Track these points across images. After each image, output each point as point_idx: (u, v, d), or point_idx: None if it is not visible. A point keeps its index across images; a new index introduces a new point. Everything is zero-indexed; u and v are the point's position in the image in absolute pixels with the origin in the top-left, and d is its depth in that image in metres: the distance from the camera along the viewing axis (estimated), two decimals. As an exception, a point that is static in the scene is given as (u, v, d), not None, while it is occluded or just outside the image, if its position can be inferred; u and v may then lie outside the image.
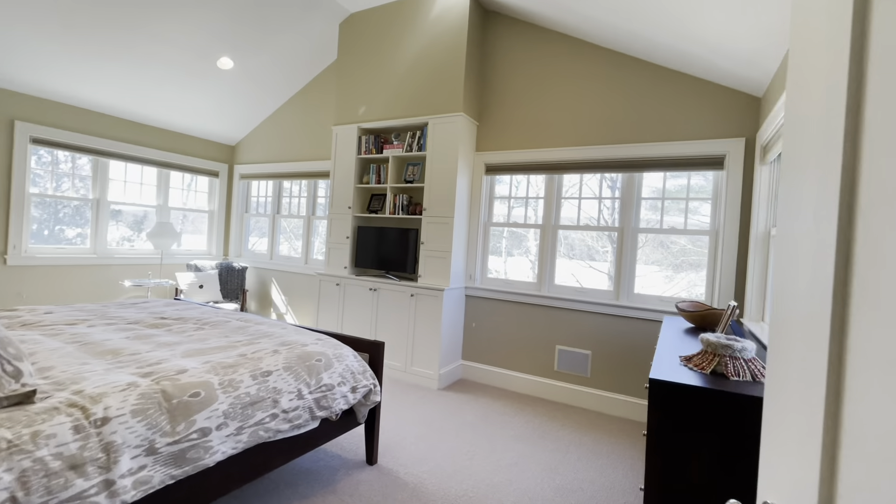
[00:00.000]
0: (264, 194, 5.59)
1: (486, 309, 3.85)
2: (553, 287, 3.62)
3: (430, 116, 3.78)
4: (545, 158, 3.60)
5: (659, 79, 3.19)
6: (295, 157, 5.17)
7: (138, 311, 2.62)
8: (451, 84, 3.69)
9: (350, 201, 4.19)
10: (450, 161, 3.69)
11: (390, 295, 3.84)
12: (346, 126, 4.26)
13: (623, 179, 3.38)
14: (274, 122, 5.37)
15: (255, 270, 5.43)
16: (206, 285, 4.81)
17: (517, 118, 3.76)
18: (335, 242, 4.27)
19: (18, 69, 3.73)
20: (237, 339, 2.11)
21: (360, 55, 4.20)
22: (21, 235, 3.98)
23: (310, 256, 5.07)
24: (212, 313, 2.64)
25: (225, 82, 4.61)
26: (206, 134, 5.42)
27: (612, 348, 3.30)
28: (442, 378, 3.61)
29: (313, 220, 5.08)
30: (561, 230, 3.64)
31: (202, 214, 5.66)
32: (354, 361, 2.17)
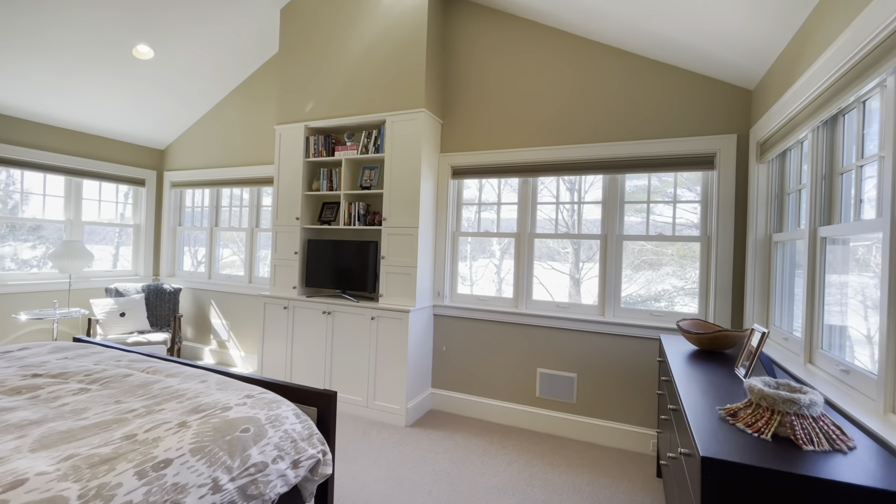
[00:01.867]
0: (200, 204, 4.91)
1: (458, 330, 3.42)
2: (531, 303, 3.24)
3: (388, 113, 3.32)
4: (518, 160, 3.22)
5: (642, 70, 2.89)
6: (235, 161, 4.54)
7: (6, 364, 1.99)
8: (411, 76, 3.25)
9: (298, 211, 3.65)
10: (411, 164, 3.24)
11: (347, 318, 3.33)
12: (291, 125, 3.72)
13: (606, 182, 3.06)
14: (210, 122, 4.72)
15: (190, 292, 4.74)
16: (130, 313, 4.09)
17: (486, 115, 3.37)
18: (282, 259, 3.71)
19: None
20: (131, 405, 1.56)
21: (305, 44, 3.68)
22: None
23: (254, 274, 4.45)
24: (111, 363, 2.05)
25: (145, 75, 3.94)
26: (129, 136, 4.69)
27: (599, 370, 2.96)
28: (410, 412, 3.14)
29: (258, 232, 4.47)
30: (538, 239, 3.27)
31: (126, 229, 4.90)
32: (296, 423, 1.67)
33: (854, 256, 1.63)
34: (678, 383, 1.64)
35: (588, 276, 3.18)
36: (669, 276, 2.95)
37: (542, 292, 3.27)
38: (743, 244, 2.62)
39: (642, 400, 2.83)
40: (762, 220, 2.44)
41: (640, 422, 2.84)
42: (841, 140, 1.73)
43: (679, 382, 1.65)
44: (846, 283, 1.65)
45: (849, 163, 1.69)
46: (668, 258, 2.94)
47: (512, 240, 3.35)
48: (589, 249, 3.19)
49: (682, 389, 1.56)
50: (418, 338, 3.26)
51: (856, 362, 1.52)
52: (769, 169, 2.42)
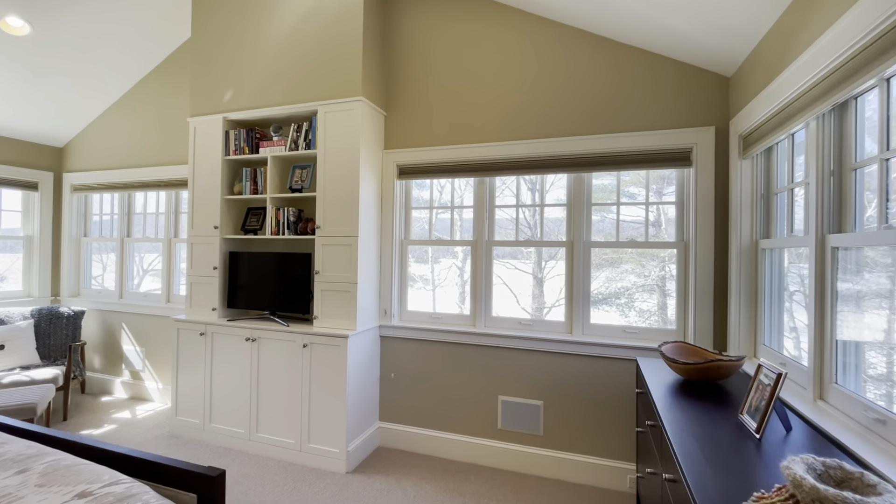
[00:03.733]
0: (109, 211, 4.20)
1: (408, 353, 2.96)
2: (491, 320, 2.84)
3: (320, 103, 2.82)
4: (473, 157, 2.81)
5: (609, 54, 2.54)
6: (149, 161, 3.89)
7: None
8: (346, 59, 2.76)
9: (217, 219, 3.08)
10: (349, 161, 2.75)
11: (276, 346, 2.80)
12: (207, 117, 3.14)
13: (571, 181, 2.70)
14: (118, 115, 4.03)
15: (97, 314, 4.03)
16: (11, 344, 3.37)
17: (436, 107, 2.93)
18: (199, 276, 3.12)
19: None
20: None
21: (222, 23, 3.12)
22: None
23: (172, 293, 3.82)
24: None
25: (23, 55, 3.24)
26: (14, 131, 3.92)
27: (568, 396, 2.59)
28: (352, 455, 2.66)
29: (175, 243, 3.83)
30: (497, 247, 2.87)
31: (15, 241, 4.12)
32: (154, 530, 1.16)
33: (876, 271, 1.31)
34: (671, 437, 1.26)
35: (551, 275, 2.84)
36: (628, 273, 2.66)
37: (503, 308, 2.87)
38: (725, 250, 2.32)
39: (617, 429, 2.48)
40: (747, 223, 2.14)
41: (615, 454, 2.49)
42: (852, 129, 1.41)
43: (672, 434, 1.27)
44: (863, 299, 1.33)
45: (864, 156, 1.38)
46: (627, 255, 2.64)
47: (468, 248, 2.93)
48: (553, 248, 2.84)
49: (679, 449, 1.18)
50: (361, 365, 2.78)
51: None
52: (754, 165, 2.12)
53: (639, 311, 2.67)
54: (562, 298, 2.77)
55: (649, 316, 2.65)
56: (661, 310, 2.64)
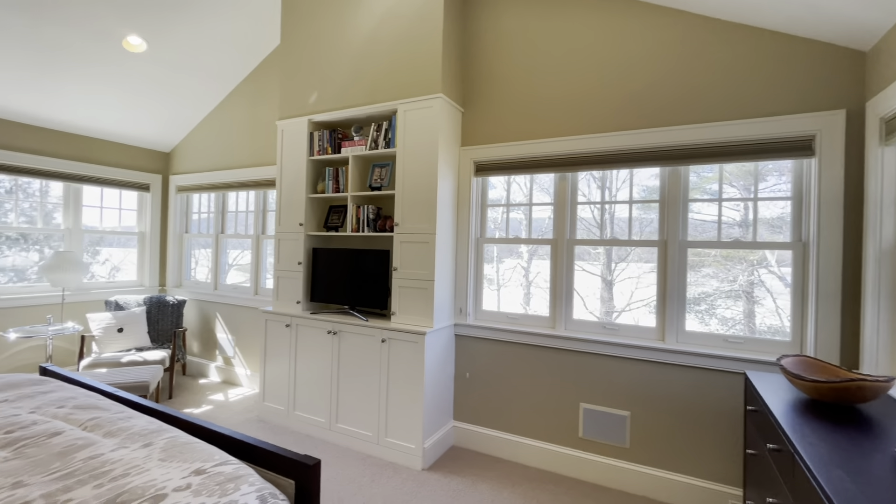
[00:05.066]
0: (206, 210, 4.59)
1: (483, 353, 2.91)
2: (572, 323, 2.70)
3: (400, 101, 2.85)
4: (555, 151, 2.69)
5: (710, 35, 2.31)
6: (240, 162, 4.19)
7: (-72, 411, 1.62)
8: (425, 56, 2.77)
9: (302, 216, 3.23)
10: (427, 159, 2.76)
11: (355, 340, 2.88)
12: (293, 120, 3.31)
13: (665, 176, 2.49)
14: (215, 122, 4.39)
15: (196, 304, 4.42)
16: (129, 328, 3.79)
17: (516, 100, 2.85)
18: (285, 270, 3.30)
19: None
20: (30, 493, 1.14)
21: (307, 30, 3.26)
22: None
23: (260, 286, 4.08)
24: (50, 410, 1.66)
25: (140, 70, 3.62)
26: (130, 139, 4.41)
27: (659, 408, 2.39)
28: (428, 453, 2.66)
29: (263, 239, 4.10)
30: (580, 246, 2.73)
31: (130, 237, 4.63)
32: (259, 513, 1.21)
33: None
34: (813, 467, 1.08)
35: (621, 278, 2.68)
36: (710, 277, 2.41)
37: (584, 310, 2.73)
38: (857, 255, 2.01)
39: (716, 448, 2.25)
40: (890, 220, 1.83)
41: (713, 475, 2.26)
42: None
43: (813, 464, 1.09)
44: None
45: None
46: (710, 258, 2.40)
47: (547, 246, 2.81)
48: (621, 249, 2.67)
49: (828, 483, 1.01)
50: (437, 363, 2.78)
51: None
52: (900, 153, 1.81)
53: (721, 318, 2.43)
54: (634, 303, 2.60)
55: (734, 325, 2.40)
56: (748, 318, 2.37)
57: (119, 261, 4.60)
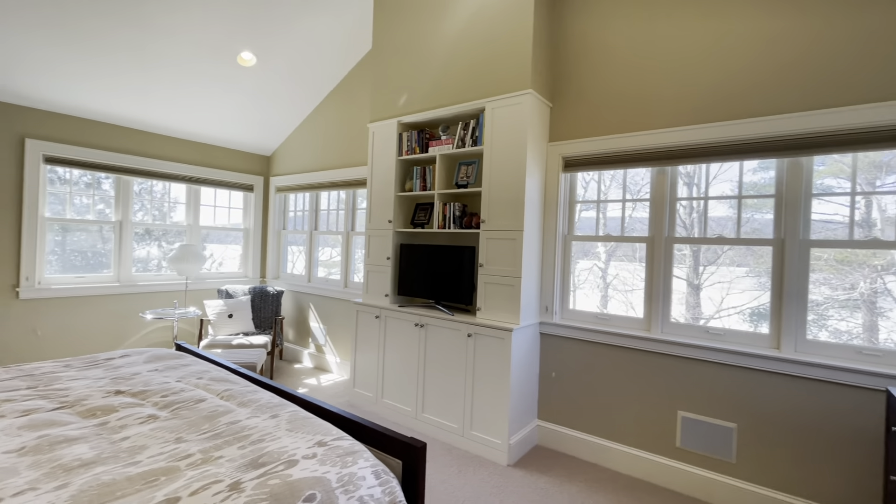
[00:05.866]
0: (301, 208, 4.97)
1: (570, 353, 2.85)
2: (669, 326, 2.55)
3: (488, 99, 2.88)
4: (651, 144, 2.56)
5: (844, 8, 2.05)
6: (332, 164, 4.49)
7: (102, 374, 1.95)
8: (515, 52, 2.77)
9: (391, 213, 3.39)
10: (515, 156, 2.76)
11: (441, 333, 2.96)
12: (383, 122, 3.48)
13: (783, 168, 2.26)
14: (310, 127, 4.74)
15: (292, 295, 4.81)
16: (237, 314, 4.23)
17: (608, 92, 2.75)
18: (374, 265, 3.48)
19: (26, 82, 3.33)
20: (189, 448, 1.32)
21: (398, 34, 3.41)
22: (35, 265, 3.60)
23: (349, 279, 4.34)
24: (192, 380, 1.91)
25: (249, 82, 4.02)
26: (239, 144, 4.91)
27: (773, 422, 2.18)
28: (513, 449, 2.66)
29: (352, 236, 4.35)
30: (680, 244, 2.57)
31: (237, 233, 5.16)
32: (375, 487, 1.30)
33: None
34: None
35: (710, 282, 2.48)
36: (819, 284, 2.13)
37: (682, 311, 2.56)
38: None
39: (846, 471, 2.00)
40: None
41: (839, 500, 2.01)
42: None
43: None
44: None
45: None
46: (821, 263, 2.12)
47: (629, 247, 2.68)
48: (709, 251, 2.46)
49: None
50: (523, 360, 2.77)
51: None
52: None
53: (833, 331, 2.14)
54: (725, 309, 2.39)
55: (850, 339, 2.10)
56: (869, 332, 2.07)
57: (223, 255, 5.14)
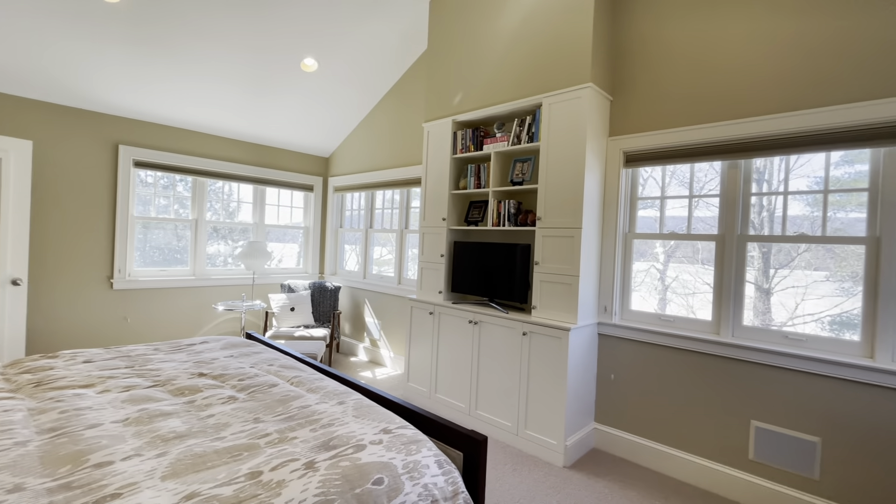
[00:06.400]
0: (357, 207, 5.15)
1: (630, 355, 2.74)
2: (741, 330, 2.39)
3: (545, 95, 2.84)
4: (722, 136, 2.41)
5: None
6: (386, 164, 4.61)
7: (186, 358, 2.13)
8: (574, 44, 2.71)
9: (445, 211, 3.43)
10: (573, 152, 2.70)
11: (495, 331, 2.96)
12: (438, 121, 3.52)
13: (879, 160, 2.05)
14: (366, 128, 4.89)
15: (348, 290, 5.00)
16: (298, 308, 4.45)
17: (673, 82, 2.62)
18: (428, 262, 3.54)
19: (119, 95, 3.70)
20: (266, 428, 1.41)
21: (453, 34, 3.44)
22: (126, 259, 3.99)
23: (403, 276, 4.44)
24: (264, 367, 2.04)
25: (311, 86, 4.22)
26: (300, 147, 5.16)
27: (868, 440, 1.98)
28: (569, 451, 2.61)
29: (406, 234, 4.45)
30: (753, 243, 2.40)
31: (298, 231, 5.43)
32: (438, 476, 1.32)
33: None
34: None
35: (781, 287, 2.28)
36: None
37: (749, 316, 2.39)
38: None
39: (955, 500, 1.78)
40: None
41: (949, 533, 1.79)
42: None
43: None
44: None
45: None
46: None
47: (712, 244, 2.53)
48: (781, 253, 2.26)
49: None
50: (580, 361, 2.70)
51: None
52: None
53: None
54: (800, 316, 2.19)
55: None
56: None
57: (283, 252, 5.42)
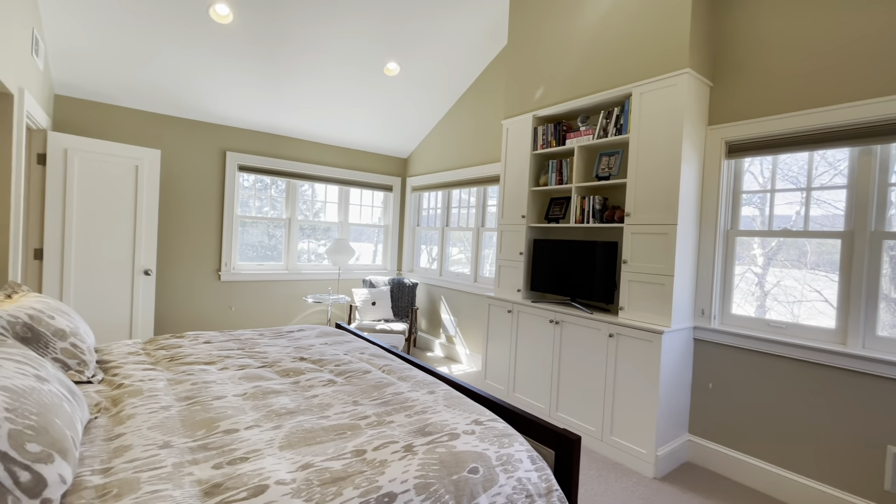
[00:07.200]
0: (434, 206, 5.26)
1: (732, 364, 2.51)
2: (875, 341, 2.08)
3: (635, 84, 2.69)
4: (852, 119, 2.11)
5: None
6: (463, 163, 4.65)
7: (287, 343, 2.31)
8: (669, 28, 2.53)
9: (524, 209, 3.38)
10: (668, 143, 2.52)
11: (578, 331, 2.86)
12: (518, 118, 3.49)
13: None
14: (444, 128, 4.98)
15: (425, 287, 5.12)
16: (379, 302, 4.65)
17: (787, 59, 2.35)
18: (506, 259, 3.52)
19: (227, 105, 4.13)
20: (365, 411, 1.49)
21: (534, 26, 3.38)
22: (230, 254, 4.43)
23: (479, 274, 4.45)
24: (356, 354, 2.15)
25: (392, 90, 4.38)
26: (381, 149, 5.39)
27: None
28: (661, 462, 2.45)
29: (483, 232, 4.46)
30: (891, 241, 2.08)
31: (378, 229, 5.67)
32: (532, 471, 1.31)
33: None
34: None
35: None
36: None
37: (890, 324, 2.07)
38: None
39: None
40: None
41: None
42: None
43: None
44: None
45: None
46: None
47: (837, 241, 2.23)
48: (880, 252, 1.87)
49: None
50: (673, 367, 2.52)
51: None
52: None
53: None
54: None
55: None
56: None
57: (360, 249, 5.69)
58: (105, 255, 3.44)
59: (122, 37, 3.24)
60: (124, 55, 3.40)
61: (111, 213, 3.45)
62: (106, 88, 3.68)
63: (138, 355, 2.00)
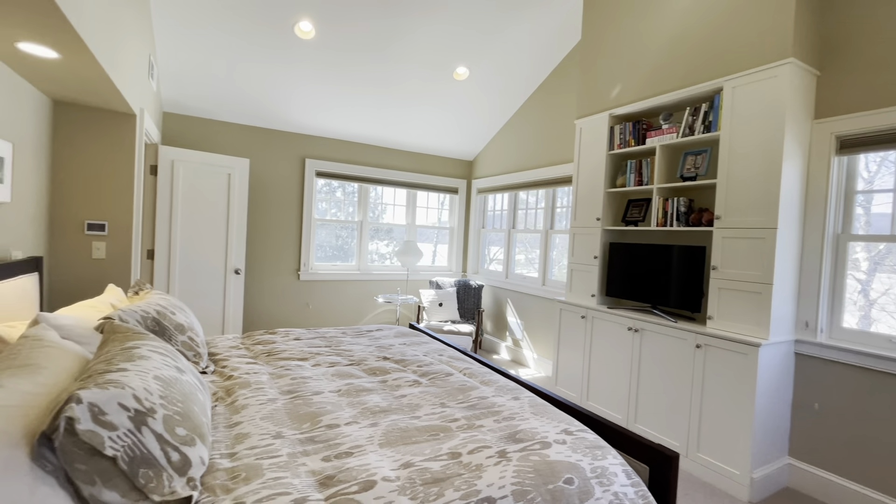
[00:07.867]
0: (500, 208, 5.24)
1: (842, 382, 2.26)
2: None
3: (727, 78, 2.51)
4: None
5: None
6: (531, 164, 4.59)
7: (368, 342, 2.42)
8: (770, 14, 2.33)
9: (599, 211, 3.28)
10: (766, 140, 2.33)
11: (660, 340, 2.72)
12: (592, 117, 3.38)
13: None
14: (510, 130, 4.95)
15: (490, 289, 5.12)
16: (446, 303, 4.72)
17: (918, 45, 2.08)
18: (579, 263, 3.42)
19: (306, 115, 4.39)
20: (453, 413, 1.52)
21: (610, 24, 3.26)
22: (308, 255, 4.71)
23: (548, 277, 4.37)
24: (435, 356, 2.20)
25: (460, 94, 4.43)
26: (447, 152, 5.46)
27: None
28: (756, 485, 2.26)
29: (552, 234, 4.37)
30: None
31: (444, 231, 5.75)
32: (627, 486, 1.27)
33: None
34: None
35: None
36: None
37: None
38: None
39: None
40: None
41: None
42: None
43: None
44: None
45: None
46: None
47: None
48: None
49: None
50: (771, 383, 2.32)
51: None
52: None
53: None
54: None
55: None
56: None
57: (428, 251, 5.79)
58: (202, 255, 3.80)
59: (219, 56, 3.56)
60: (220, 72, 3.73)
61: (207, 217, 3.80)
62: (202, 103, 4.06)
63: (239, 349, 2.19)
